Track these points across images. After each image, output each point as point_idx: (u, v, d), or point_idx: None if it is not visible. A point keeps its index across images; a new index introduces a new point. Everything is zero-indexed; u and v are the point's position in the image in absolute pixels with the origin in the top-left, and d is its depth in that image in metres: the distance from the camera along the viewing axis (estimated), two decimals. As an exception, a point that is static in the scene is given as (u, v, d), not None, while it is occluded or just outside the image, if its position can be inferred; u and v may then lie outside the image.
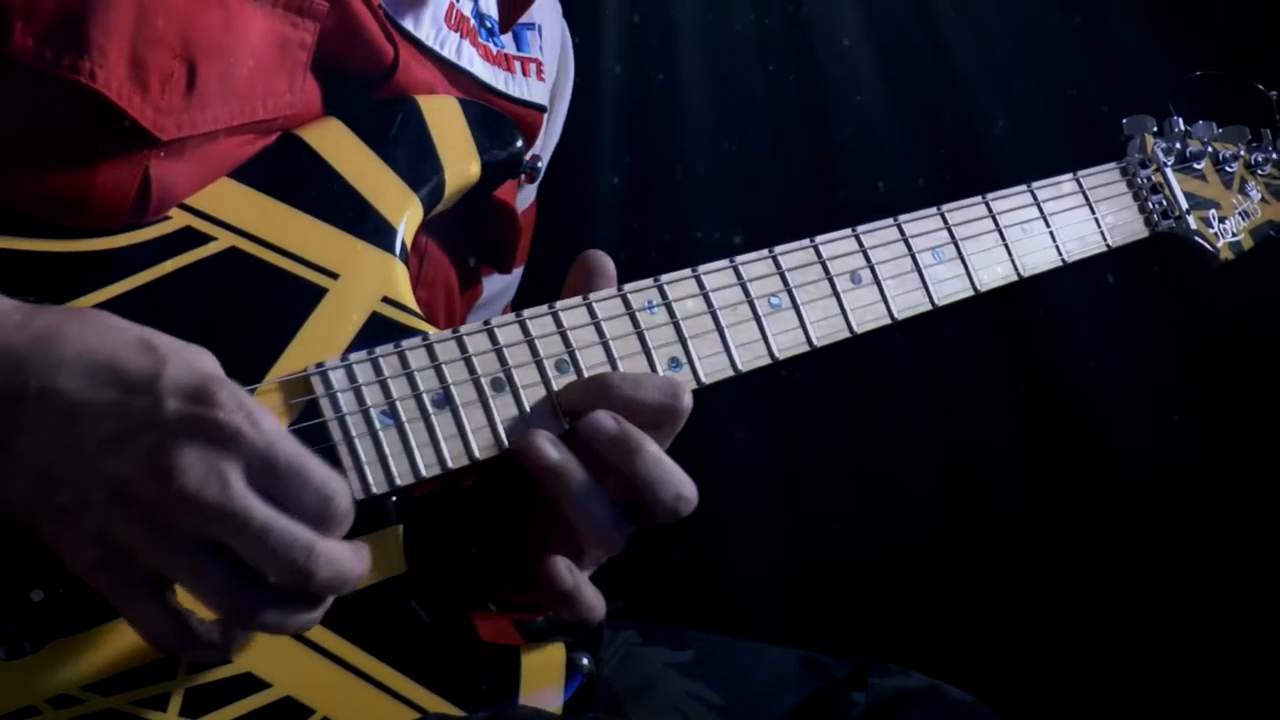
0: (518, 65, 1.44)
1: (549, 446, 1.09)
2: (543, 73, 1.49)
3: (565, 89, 1.59)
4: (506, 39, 1.45)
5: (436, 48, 1.33)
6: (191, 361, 0.95)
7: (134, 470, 0.91)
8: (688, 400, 1.14)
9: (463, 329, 1.13)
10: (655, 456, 1.10)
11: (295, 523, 0.93)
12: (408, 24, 1.31)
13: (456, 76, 1.34)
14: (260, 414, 0.94)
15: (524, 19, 1.48)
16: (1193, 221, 1.58)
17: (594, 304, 1.18)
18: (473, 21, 1.39)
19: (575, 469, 1.09)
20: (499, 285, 1.51)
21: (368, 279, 1.15)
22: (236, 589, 0.94)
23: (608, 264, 1.21)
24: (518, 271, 1.53)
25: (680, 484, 1.11)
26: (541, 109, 1.48)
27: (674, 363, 1.19)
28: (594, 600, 1.16)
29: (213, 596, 0.95)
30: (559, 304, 1.17)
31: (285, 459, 0.94)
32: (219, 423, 0.92)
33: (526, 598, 1.19)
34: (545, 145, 1.57)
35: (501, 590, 1.21)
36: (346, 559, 0.96)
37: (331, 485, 0.96)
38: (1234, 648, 2.42)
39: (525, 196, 1.52)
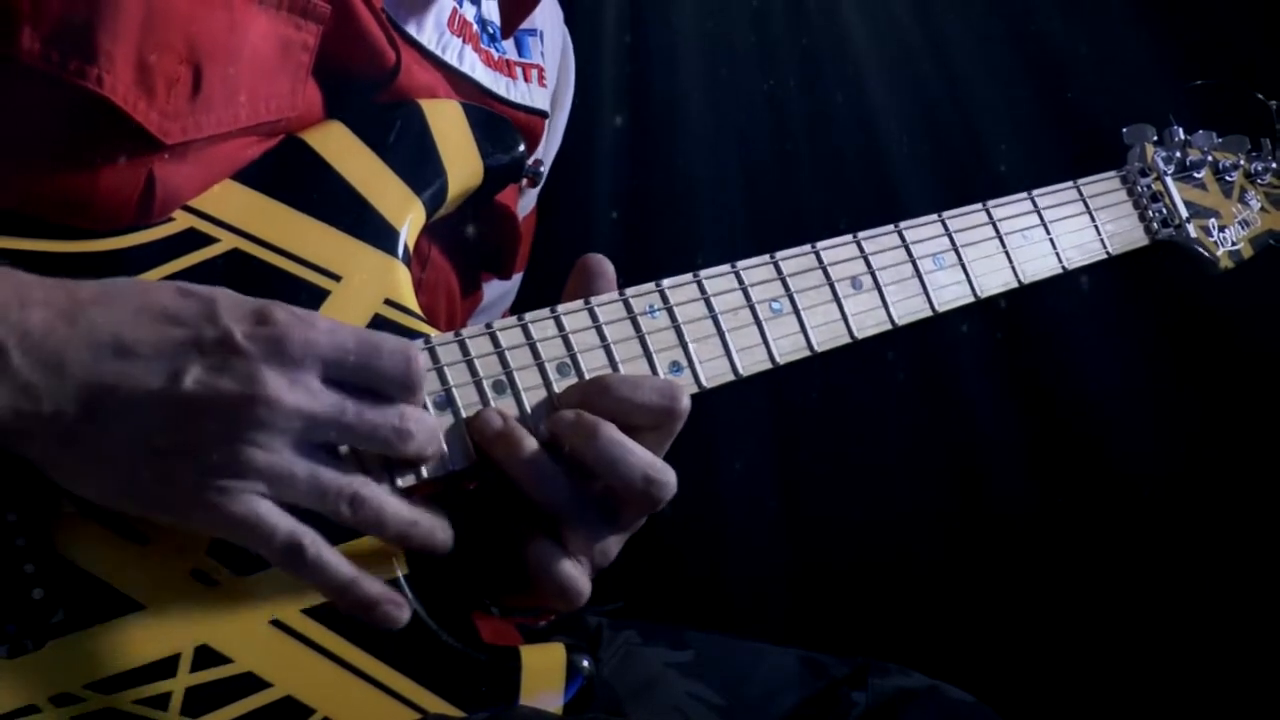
0: (519, 71, 1.45)
1: (493, 416, 1.10)
2: (544, 78, 1.49)
3: (566, 95, 1.60)
4: (508, 45, 1.46)
5: (438, 52, 1.33)
6: (233, 293, 1.00)
7: (231, 400, 0.95)
8: (685, 403, 1.14)
9: (465, 331, 1.14)
10: (612, 438, 1.09)
11: (379, 399, 1.01)
12: (410, 28, 1.31)
13: (458, 81, 1.35)
14: (313, 315, 1.01)
15: (525, 24, 1.48)
16: (1192, 230, 1.59)
17: (595, 307, 1.18)
18: (475, 27, 1.39)
19: (523, 439, 1.09)
20: (498, 291, 1.51)
21: (370, 281, 1.15)
22: (350, 478, 1.00)
23: (607, 267, 1.21)
24: (517, 277, 1.54)
25: (648, 466, 1.10)
26: (543, 115, 1.48)
27: (675, 366, 1.20)
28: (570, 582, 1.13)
29: (333, 491, 0.99)
30: (560, 307, 1.18)
31: (353, 341, 1.01)
32: (288, 337, 0.97)
33: (530, 602, 1.19)
34: (546, 151, 1.57)
35: (505, 595, 1.21)
36: (429, 419, 1.05)
37: (404, 345, 1.03)
38: (1233, 648, 2.43)
39: (526, 203, 1.52)
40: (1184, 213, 1.58)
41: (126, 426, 0.95)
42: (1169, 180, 1.58)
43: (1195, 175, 1.62)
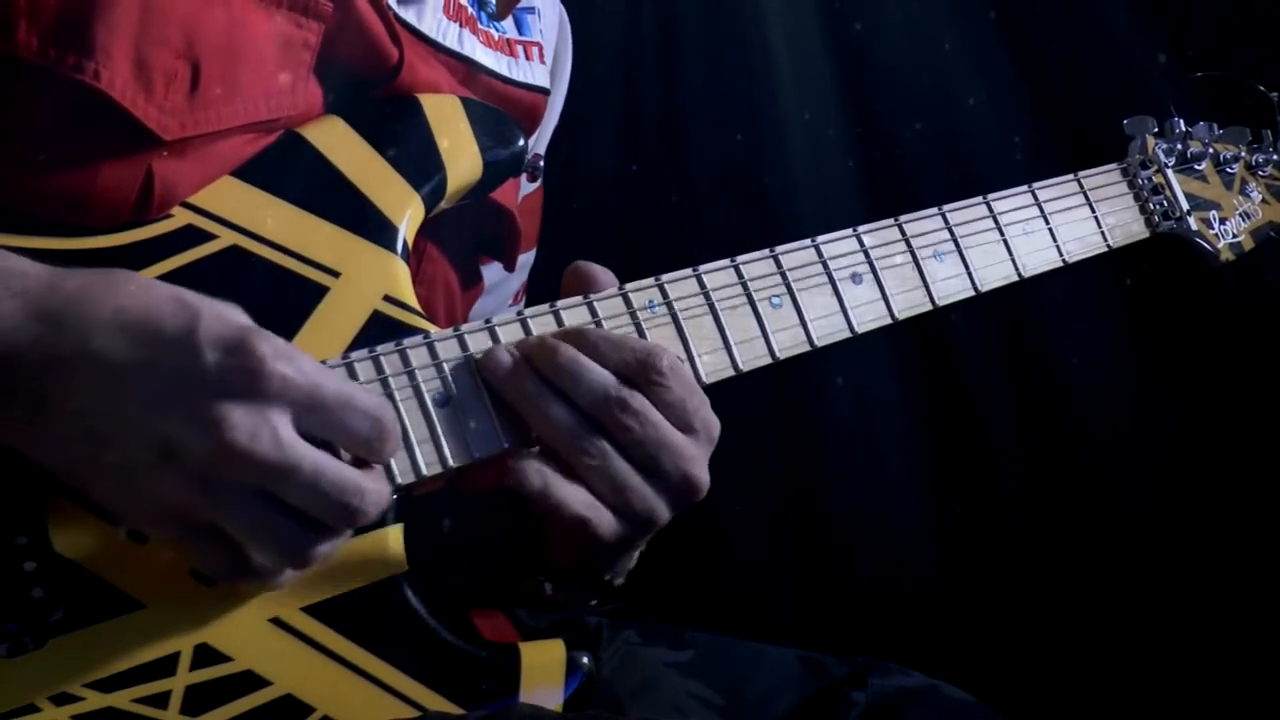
0: (520, 49, 1.44)
1: (503, 352, 1.11)
2: (544, 55, 1.49)
3: (564, 72, 1.58)
4: (507, 24, 1.45)
5: (439, 39, 1.33)
6: (224, 314, 0.95)
7: (179, 429, 0.91)
8: (662, 361, 1.12)
9: (464, 327, 1.14)
10: (572, 356, 1.10)
11: (343, 466, 0.96)
12: (409, 18, 1.31)
13: (461, 66, 1.34)
14: (299, 356, 0.96)
15: (523, 2, 1.47)
16: (1193, 222, 1.58)
17: (595, 304, 1.18)
18: (470, 9, 1.38)
19: (529, 374, 1.10)
20: (498, 275, 1.50)
21: (369, 277, 1.15)
22: (291, 537, 0.96)
23: (600, 273, 1.20)
24: (524, 261, 1.52)
25: (608, 385, 1.10)
26: (546, 92, 1.48)
27: (675, 362, 1.19)
28: (570, 494, 1.10)
29: (268, 547, 0.96)
30: (560, 303, 1.17)
31: (331, 393, 0.96)
32: (261, 373, 0.92)
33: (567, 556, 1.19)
34: (545, 128, 1.56)
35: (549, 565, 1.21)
36: (388, 493, 1.00)
37: (378, 405, 0.99)
38: (1233, 647, 2.42)
39: (526, 183, 1.51)
40: (1185, 205, 1.58)
41: (75, 440, 0.92)
42: (1170, 172, 1.58)
43: (1196, 167, 1.61)
